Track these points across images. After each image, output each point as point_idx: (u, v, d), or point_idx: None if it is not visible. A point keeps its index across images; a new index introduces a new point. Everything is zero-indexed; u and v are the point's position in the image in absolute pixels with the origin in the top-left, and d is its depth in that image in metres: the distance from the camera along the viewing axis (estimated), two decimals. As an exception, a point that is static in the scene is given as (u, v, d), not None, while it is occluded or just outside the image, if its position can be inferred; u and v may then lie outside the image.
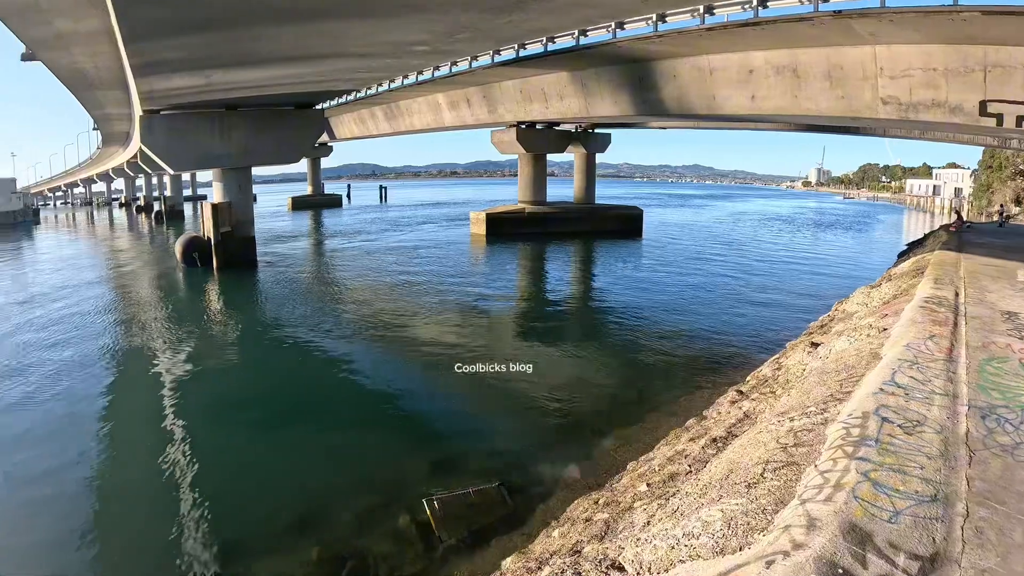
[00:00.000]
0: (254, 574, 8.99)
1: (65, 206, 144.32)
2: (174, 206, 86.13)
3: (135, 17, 15.51)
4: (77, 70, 26.67)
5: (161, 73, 22.92)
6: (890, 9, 17.01)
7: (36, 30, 20.10)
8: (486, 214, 50.62)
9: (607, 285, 32.00)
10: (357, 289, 31.24)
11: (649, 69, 27.62)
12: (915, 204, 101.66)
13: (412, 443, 13.44)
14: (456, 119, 45.55)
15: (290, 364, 19.90)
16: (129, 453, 13.65)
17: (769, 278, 32.04)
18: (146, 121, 32.85)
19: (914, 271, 20.92)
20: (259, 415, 15.31)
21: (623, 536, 6.67)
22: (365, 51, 23.17)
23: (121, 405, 16.62)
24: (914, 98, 18.85)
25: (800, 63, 21.72)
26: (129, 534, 10.32)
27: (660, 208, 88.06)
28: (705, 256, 40.78)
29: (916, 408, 7.98)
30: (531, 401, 15.51)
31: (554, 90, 34.54)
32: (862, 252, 44.90)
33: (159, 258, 46.10)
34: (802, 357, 13.59)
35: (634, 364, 19.00)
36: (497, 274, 35.49)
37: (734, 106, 24.69)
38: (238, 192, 36.94)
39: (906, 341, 10.92)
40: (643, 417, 14.04)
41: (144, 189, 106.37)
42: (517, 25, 20.97)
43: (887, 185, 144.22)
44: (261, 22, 17.07)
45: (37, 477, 12.26)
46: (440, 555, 9.10)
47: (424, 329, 22.79)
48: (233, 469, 12.54)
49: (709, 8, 20.72)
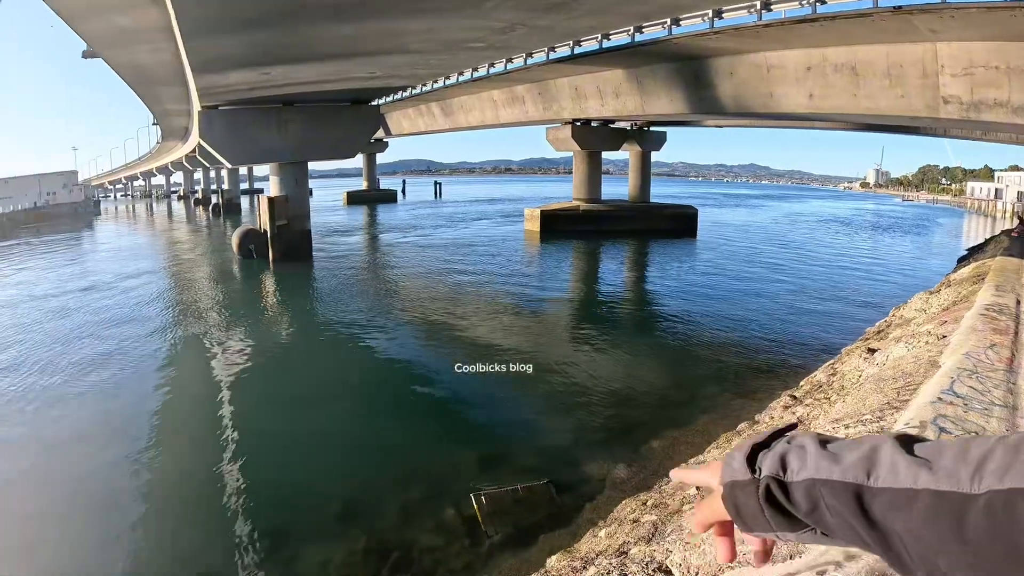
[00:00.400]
0: (302, 559, 9.12)
1: (125, 198, 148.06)
2: (231, 199, 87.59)
3: (194, 14, 15.79)
4: (137, 67, 27.23)
5: (220, 70, 23.32)
6: (951, 4, 16.53)
7: (97, 28, 20.58)
8: (540, 211, 50.48)
9: (660, 285, 31.77)
10: (410, 284, 31.48)
11: (705, 66, 27.33)
12: (976, 208, 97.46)
13: (461, 437, 13.52)
14: (511, 116, 45.52)
15: (342, 355, 20.16)
16: (182, 434, 14.06)
17: (825, 281, 31.47)
18: (205, 116, 33.46)
19: (974, 277, 20.39)
20: (310, 404, 15.53)
21: (671, 539, 6.62)
22: (422, 47, 23.31)
23: (175, 389, 17.06)
24: (976, 97, 18.35)
25: (859, 61, 21.29)
26: (179, 514, 10.60)
27: (715, 208, 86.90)
28: (760, 258, 40.18)
29: (975, 419, 7.77)
30: (581, 400, 15.48)
31: (609, 87, 34.33)
32: (921, 256, 43.90)
33: (216, 249, 46.96)
34: (858, 363, 13.33)
35: (686, 366, 18.83)
36: (550, 272, 35.51)
37: (792, 104, 24.32)
38: (294, 186, 37.48)
39: (965, 349, 10.65)
40: (694, 419, 13.89)
41: (202, 182, 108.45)
42: (573, 21, 20.92)
43: (947, 187, 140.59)
44: (320, 18, 17.26)
45: (92, 446, 12.75)
46: (486, 550, 9.13)
47: (475, 325, 22.88)
48: (284, 456, 12.77)
49: (766, 3, 20.44)
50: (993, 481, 0.86)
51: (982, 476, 0.87)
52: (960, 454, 0.93)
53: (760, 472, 1.11)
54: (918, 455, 0.97)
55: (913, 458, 0.97)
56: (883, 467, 0.98)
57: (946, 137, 57.00)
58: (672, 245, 45.68)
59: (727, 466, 1.18)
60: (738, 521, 1.16)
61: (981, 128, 40.29)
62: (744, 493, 1.12)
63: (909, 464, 0.95)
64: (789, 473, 1.08)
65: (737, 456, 1.17)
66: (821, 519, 1.04)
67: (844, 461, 1.02)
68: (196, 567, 9.18)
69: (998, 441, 0.91)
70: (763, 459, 1.13)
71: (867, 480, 0.98)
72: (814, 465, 1.05)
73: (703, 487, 1.27)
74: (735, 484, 1.14)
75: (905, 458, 0.97)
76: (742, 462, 1.15)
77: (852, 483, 0.99)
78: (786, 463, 1.09)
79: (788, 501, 1.07)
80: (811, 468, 1.05)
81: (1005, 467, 0.86)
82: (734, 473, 1.15)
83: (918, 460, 0.96)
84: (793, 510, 1.07)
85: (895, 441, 1.01)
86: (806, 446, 1.09)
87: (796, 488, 1.06)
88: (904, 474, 0.95)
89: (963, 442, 0.96)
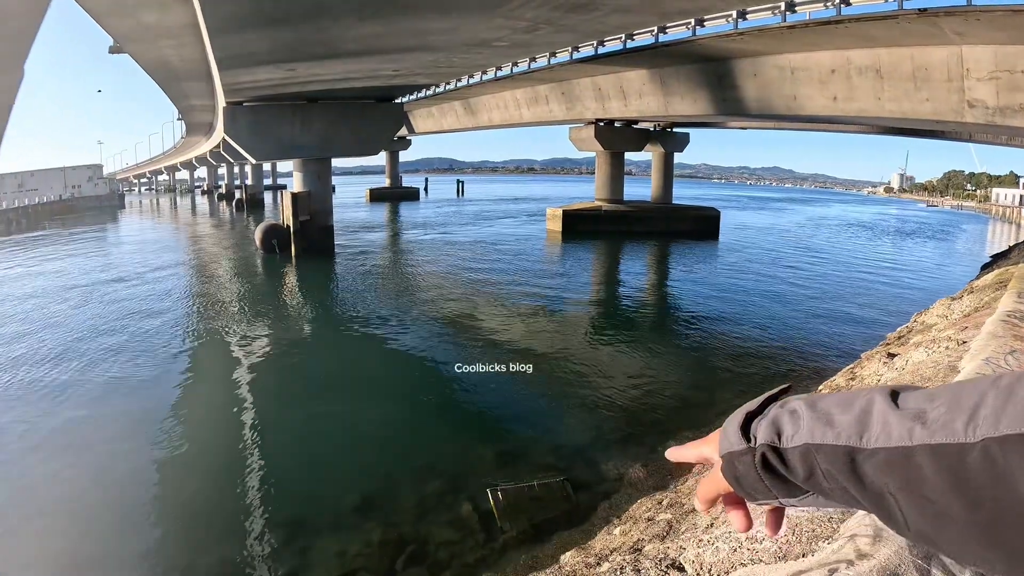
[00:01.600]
0: (317, 549, 9.23)
1: (149, 192, 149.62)
2: (255, 194, 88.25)
3: (220, 11, 15.96)
4: (163, 62, 27.50)
5: (245, 66, 23.52)
6: (977, 7, 16.43)
7: (123, 23, 20.83)
8: (563, 211, 50.47)
9: (682, 287, 31.65)
10: (431, 281, 31.57)
11: (729, 67, 27.28)
12: (1000, 214, 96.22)
13: (478, 434, 13.60)
14: (534, 115, 45.59)
15: (361, 349, 20.32)
16: (204, 424, 14.23)
17: (848, 286, 31.22)
18: (229, 112, 33.76)
19: (997, 283, 20.20)
20: (329, 397, 15.70)
21: (685, 537, 6.65)
22: (445, 46, 23.40)
23: (197, 379, 17.35)
24: (1001, 102, 18.21)
25: (883, 63, 21.18)
26: (195, 506, 10.73)
27: (738, 211, 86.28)
28: (782, 261, 39.87)
29: (993, 423, 7.74)
30: (599, 399, 15.48)
31: (633, 87, 34.32)
32: (944, 263, 43.47)
33: (239, 244, 47.39)
34: (877, 368, 13.27)
35: (705, 368, 18.78)
36: (572, 272, 35.45)
37: (816, 107, 24.23)
38: (317, 182, 37.72)
39: (985, 355, 10.58)
40: (713, 420, 13.83)
41: (226, 177, 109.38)
42: (597, 21, 20.92)
43: (971, 193, 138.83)
44: (344, 16, 17.39)
45: (114, 432, 13.01)
46: (501, 545, 9.18)
47: (495, 324, 22.92)
48: (302, 447, 12.94)
49: (791, 5, 20.38)
50: (988, 428, 0.84)
51: (976, 424, 0.85)
52: (953, 401, 0.91)
53: (755, 440, 1.10)
54: (911, 407, 0.95)
55: (905, 412, 0.94)
56: (876, 426, 0.95)
57: (971, 142, 56.51)
58: (693, 247, 45.46)
59: (723, 438, 1.16)
60: (740, 491, 1.14)
61: (1007, 133, 39.89)
62: (742, 463, 1.10)
63: (901, 419, 0.93)
64: (784, 439, 1.06)
65: (732, 426, 1.15)
66: (818, 484, 1.03)
67: (837, 423, 1.00)
68: (214, 554, 9.30)
69: (991, 384, 0.89)
70: (757, 427, 1.11)
71: (860, 442, 0.96)
72: (808, 429, 1.03)
73: (703, 462, 1.26)
74: (732, 455, 1.12)
75: (897, 414, 0.95)
76: (736, 431, 1.13)
77: (845, 446, 0.97)
78: (780, 429, 1.07)
79: (785, 468, 1.05)
80: (805, 433, 1.03)
81: (998, 412, 0.84)
82: (731, 444, 1.13)
83: (910, 413, 0.94)
84: (791, 476, 1.05)
85: (887, 396, 0.99)
86: (798, 410, 1.07)
87: (791, 454, 1.04)
88: (897, 432, 0.93)
89: (955, 387, 0.94)
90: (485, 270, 33.76)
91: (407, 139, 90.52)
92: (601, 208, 50.52)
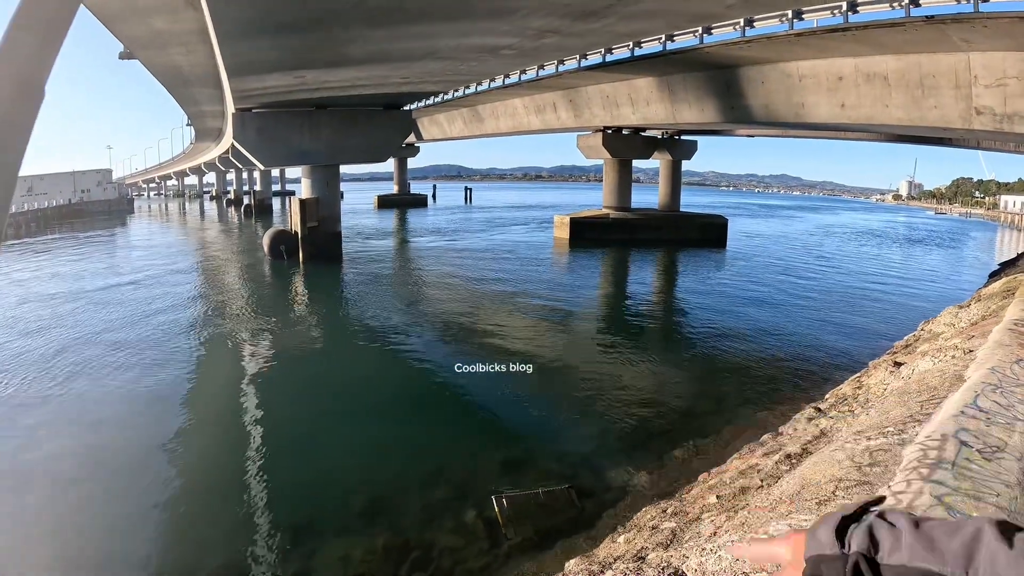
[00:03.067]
0: (322, 555, 9.27)
1: (158, 197, 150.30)
2: (263, 200, 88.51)
3: (230, 17, 16.03)
4: (173, 68, 27.67)
5: (254, 72, 23.62)
6: (984, 14, 16.39)
7: (134, 29, 20.97)
8: (570, 218, 50.41)
9: (689, 296, 31.60)
10: (438, 288, 31.64)
11: (736, 75, 27.28)
12: (1009, 221, 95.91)
13: (484, 440, 13.62)
14: (542, 123, 45.64)
15: (367, 356, 20.33)
16: (211, 427, 14.35)
17: (855, 295, 31.13)
18: (238, 118, 33.90)
19: (1005, 292, 20.16)
20: (334, 403, 15.74)
21: (688, 545, 6.66)
22: (453, 54, 23.47)
23: (205, 383, 17.46)
24: (1009, 109, 18.17)
25: (891, 70, 21.16)
26: (202, 509, 10.78)
27: (747, 218, 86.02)
28: (790, 269, 39.75)
29: (997, 433, 7.72)
30: (605, 407, 15.48)
31: (640, 95, 34.36)
32: (952, 271, 43.30)
33: (247, 250, 47.57)
34: (884, 376, 13.25)
35: (712, 376, 18.74)
36: (579, 280, 35.47)
37: (823, 114, 24.21)
38: (326, 189, 37.86)
39: (991, 364, 10.56)
40: (718, 430, 13.84)
41: (234, 183, 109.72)
42: (605, 29, 20.97)
43: (980, 201, 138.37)
44: (354, 23, 17.44)
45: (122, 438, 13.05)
46: (505, 552, 9.19)
47: (502, 331, 22.91)
48: (308, 453, 12.96)
49: (798, 13, 20.36)
50: None
51: None
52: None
53: (849, 547, 1.06)
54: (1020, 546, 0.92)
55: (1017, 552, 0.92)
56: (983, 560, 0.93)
57: (979, 149, 56.34)
58: (702, 255, 45.37)
59: (812, 538, 1.12)
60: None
61: (1015, 140, 39.77)
62: (830, 568, 1.07)
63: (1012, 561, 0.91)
64: (881, 552, 1.03)
65: (825, 527, 1.11)
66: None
67: (942, 549, 0.98)
68: (220, 554, 9.34)
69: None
70: (852, 534, 1.07)
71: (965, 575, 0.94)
72: (909, 549, 1.00)
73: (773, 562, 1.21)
74: (821, 559, 1.08)
75: (1007, 553, 0.92)
76: (831, 534, 1.09)
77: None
78: (877, 540, 1.04)
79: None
80: (905, 553, 1.00)
81: None
82: (821, 547, 1.09)
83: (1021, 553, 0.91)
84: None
85: (995, 529, 0.96)
86: (899, 525, 1.04)
87: (888, 571, 1.01)
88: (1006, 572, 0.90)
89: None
90: (492, 279, 33.74)
91: (415, 146, 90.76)
92: (609, 216, 50.45)
